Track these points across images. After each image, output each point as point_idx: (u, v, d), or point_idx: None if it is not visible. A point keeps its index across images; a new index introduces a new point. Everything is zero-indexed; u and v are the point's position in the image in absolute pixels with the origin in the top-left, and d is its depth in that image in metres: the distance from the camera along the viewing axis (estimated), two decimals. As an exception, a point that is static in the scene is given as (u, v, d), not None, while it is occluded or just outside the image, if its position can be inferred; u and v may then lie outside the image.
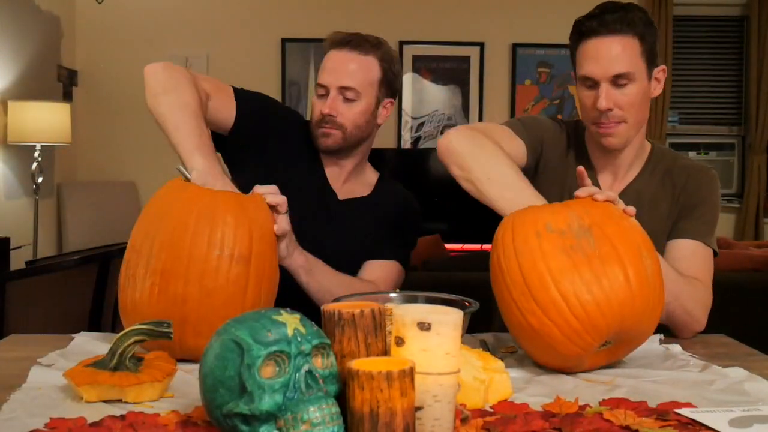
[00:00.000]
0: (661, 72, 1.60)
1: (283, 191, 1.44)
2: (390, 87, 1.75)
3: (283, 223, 1.41)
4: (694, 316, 1.49)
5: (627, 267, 1.18)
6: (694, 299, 1.48)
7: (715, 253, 1.60)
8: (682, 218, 1.59)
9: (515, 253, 1.22)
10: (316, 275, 1.56)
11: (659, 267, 1.25)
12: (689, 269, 1.50)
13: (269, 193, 1.41)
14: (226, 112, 1.66)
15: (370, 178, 1.84)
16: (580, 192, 1.31)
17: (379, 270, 1.71)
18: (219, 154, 1.53)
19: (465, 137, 1.55)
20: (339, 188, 1.77)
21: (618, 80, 1.52)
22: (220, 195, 1.33)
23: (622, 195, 1.59)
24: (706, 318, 1.51)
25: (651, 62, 1.56)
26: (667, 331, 1.51)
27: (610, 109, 1.54)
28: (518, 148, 1.62)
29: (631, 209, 1.29)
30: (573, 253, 1.18)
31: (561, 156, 1.69)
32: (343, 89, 1.67)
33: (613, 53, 1.52)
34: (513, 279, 1.21)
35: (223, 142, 1.68)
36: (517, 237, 1.23)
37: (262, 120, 1.70)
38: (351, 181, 1.79)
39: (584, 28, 1.56)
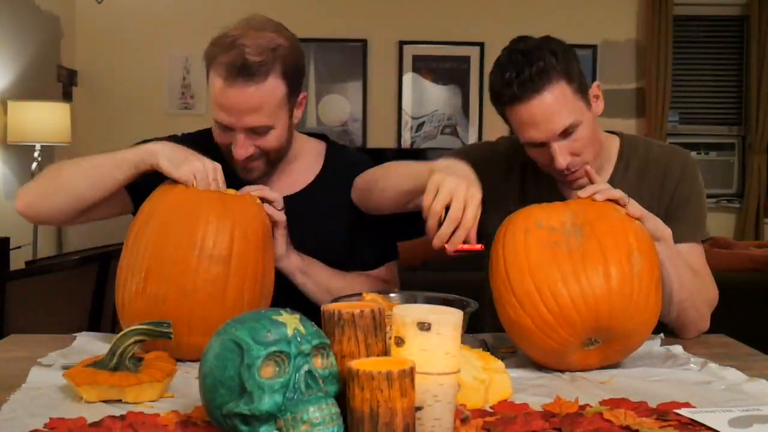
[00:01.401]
0: (596, 88, 1.54)
1: None
2: (299, 85, 1.51)
3: (279, 217, 1.42)
4: (703, 314, 1.49)
5: (609, 265, 1.18)
6: (703, 297, 1.48)
7: (708, 238, 1.59)
8: (671, 221, 1.49)
9: (503, 247, 1.25)
10: (313, 275, 1.53)
11: (654, 268, 1.23)
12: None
13: (260, 189, 1.42)
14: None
15: (312, 157, 1.64)
16: (582, 192, 1.30)
17: (380, 270, 1.68)
18: None
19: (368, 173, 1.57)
20: (273, 187, 1.54)
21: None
22: (204, 195, 1.34)
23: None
24: (709, 318, 1.51)
25: (584, 92, 1.48)
26: (667, 331, 1.50)
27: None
28: None
29: (634, 209, 1.28)
30: (556, 248, 1.20)
31: (498, 181, 1.62)
32: (251, 128, 1.45)
33: (549, 112, 1.42)
34: (497, 272, 1.25)
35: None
36: (507, 232, 1.27)
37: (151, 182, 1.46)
38: (289, 173, 1.61)
39: (506, 98, 1.44)
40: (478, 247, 1.27)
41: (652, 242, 1.27)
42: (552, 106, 1.42)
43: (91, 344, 1.38)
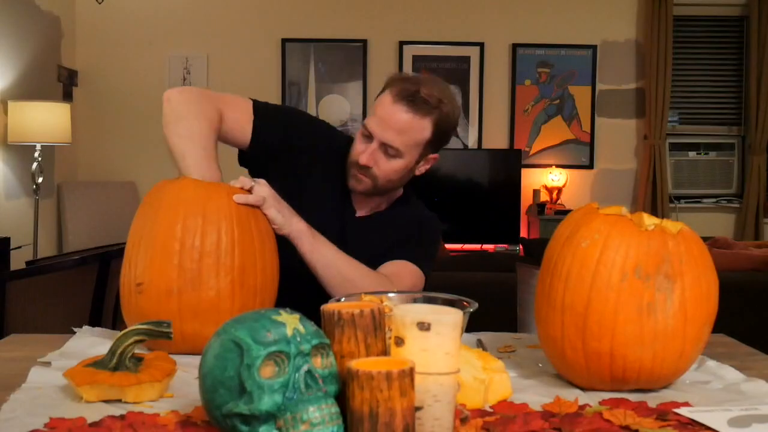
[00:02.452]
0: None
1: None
2: (438, 144, 1.68)
3: (260, 191, 1.44)
4: None
5: (686, 344, 1.14)
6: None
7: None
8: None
9: (592, 283, 1.13)
10: (320, 247, 1.54)
11: (709, 331, 1.20)
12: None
13: (246, 180, 1.45)
14: (242, 129, 1.65)
15: (393, 195, 1.79)
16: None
17: (392, 267, 1.66)
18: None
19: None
20: (359, 205, 1.74)
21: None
22: (192, 190, 1.37)
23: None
24: None
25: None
26: None
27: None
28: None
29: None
30: (645, 316, 1.11)
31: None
32: (386, 145, 1.61)
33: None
34: (573, 304, 1.14)
35: (246, 157, 1.70)
36: (602, 265, 1.13)
37: (281, 133, 1.68)
38: (374, 200, 1.76)
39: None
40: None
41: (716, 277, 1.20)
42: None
43: (91, 341, 1.37)
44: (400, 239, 1.71)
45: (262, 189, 1.45)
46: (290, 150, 1.69)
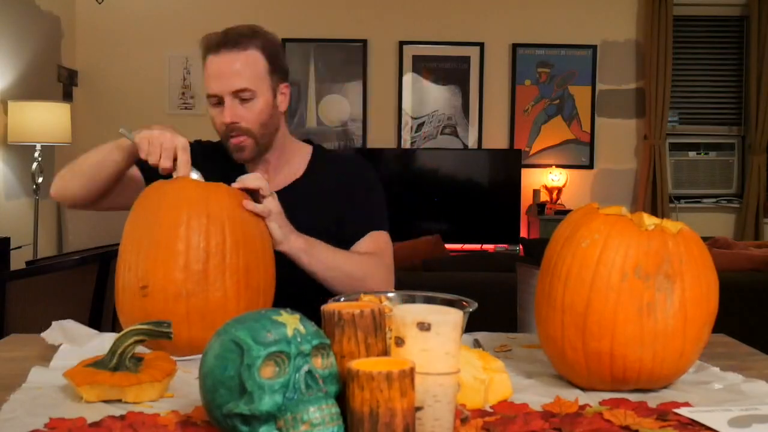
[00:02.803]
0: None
1: None
2: (281, 71, 1.67)
3: (269, 204, 1.44)
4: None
5: (686, 344, 1.14)
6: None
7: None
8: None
9: (592, 283, 1.13)
10: (318, 255, 1.55)
11: (709, 331, 1.20)
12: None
13: (249, 179, 1.44)
14: (132, 176, 1.68)
15: (300, 157, 1.76)
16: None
17: (367, 243, 1.67)
18: None
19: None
20: (270, 183, 1.64)
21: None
22: (186, 192, 1.36)
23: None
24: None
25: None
26: None
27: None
28: None
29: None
30: (645, 316, 1.11)
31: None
32: (236, 93, 1.60)
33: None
34: (573, 304, 1.14)
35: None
36: (602, 265, 1.13)
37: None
38: (280, 171, 1.73)
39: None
40: None
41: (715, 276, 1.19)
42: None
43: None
44: (350, 204, 1.69)
45: (272, 203, 1.45)
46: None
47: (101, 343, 1.30)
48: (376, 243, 1.69)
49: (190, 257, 1.29)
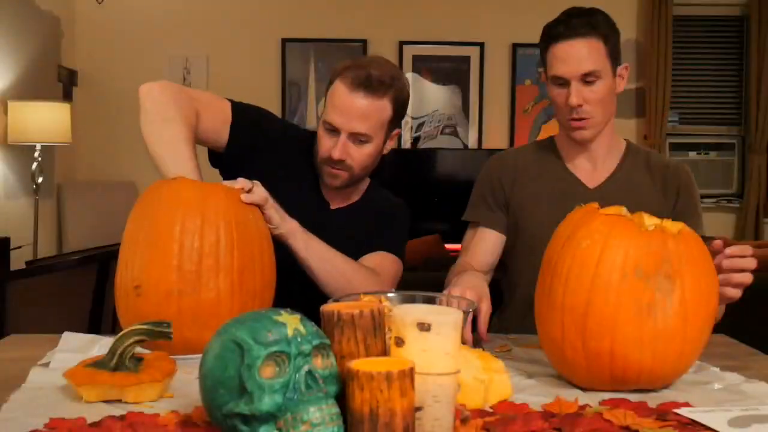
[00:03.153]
0: (624, 69, 1.74)
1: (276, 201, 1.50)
2: (399, 119, 1.73)
3: (259, 192, 1.44)
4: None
5: (686, 344, 1.14)
6: None
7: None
8: (687, 220, 1.59)
9: (592, 283, 1.13)
10: (314, 245, 1.57)
11: (709, 331, 1.21)
12: None
13: (237, 182, 1.44)
14: (218, 131, 1.67)
15: (362, 185, 1.84)
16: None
17: (374, 259, 1.71)
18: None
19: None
20: (332, 198, 1.78)
21: (586, 78, 1.65)
22: (185, 192, 1.35)
23: (607, 184, 1.76)
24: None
25: (615, 61, 1.70)
26: None
27: (580, 105, 1.67)
28: (493, 239, 1.87)
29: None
30: (645, 316, 1.11)
31: (532, 175, 1.83)
32: (354, 134, 1.64)
33: (581, 54, 1.65)
34: (573, 305, 1.14)
35: (219, 157, 1.71)
36: (602, 265, 1.13)
37: (257, 132, 1.71)
38: (347, 191, 1.80)
39: (553, 32, 1.68)
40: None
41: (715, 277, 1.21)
42: (583, 52, 1.65)
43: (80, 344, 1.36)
44: (377, 229, 1.76)
45: (262, 190, 1.46)
46: (264, 150, 1.71)
47: (101, 348, 1.30)
48: (382, 262, 1.71)
49: (183, 257, 1.29)
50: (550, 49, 1.69)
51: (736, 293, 1.35)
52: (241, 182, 1.44)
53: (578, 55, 1.64)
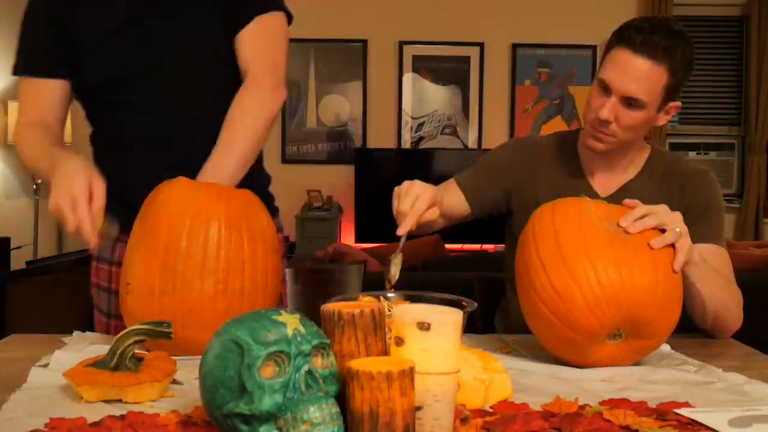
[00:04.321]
0: (673, 108, 1.61)
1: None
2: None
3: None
4: (736, 314, 1.52)
5: (657, 260, 1.24)
6: (733, 299, 1.52)
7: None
8: (690, 224, 1.57)
9: (553, 222, 1.28)
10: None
11: (681, 281, 1.28)
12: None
13: None
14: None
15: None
16: (630, 226, 1.29)
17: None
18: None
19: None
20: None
21: (629, 100, 1.53)
22: (168, 188, 1.37)
23: (618, 194, 1.63)
24: (742, 314, 1.54)
25: (670, 97, 1.57)
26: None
27: (609, 122, 1.55)
28: (456, 199, 1.74)
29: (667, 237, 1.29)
30: (609, 234, 1.25)
31: (547, 170, 1.73)
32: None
33: (638, 73, 1.51)
34: (546, 243, 1.26)
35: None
36: (557, 210, 1.31)
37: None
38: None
39: (626, 36, 1.53)
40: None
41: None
42: (644, 74, 1.51)
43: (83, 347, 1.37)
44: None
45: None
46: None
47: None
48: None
49: (167, 257, 1.29)
50: (615, 48, 1.55)
51: (678, 263, 1.29)
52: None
53: (635, 74, 1.51)
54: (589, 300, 1.20)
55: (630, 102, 1.53)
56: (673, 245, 1.29)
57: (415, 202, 1.45)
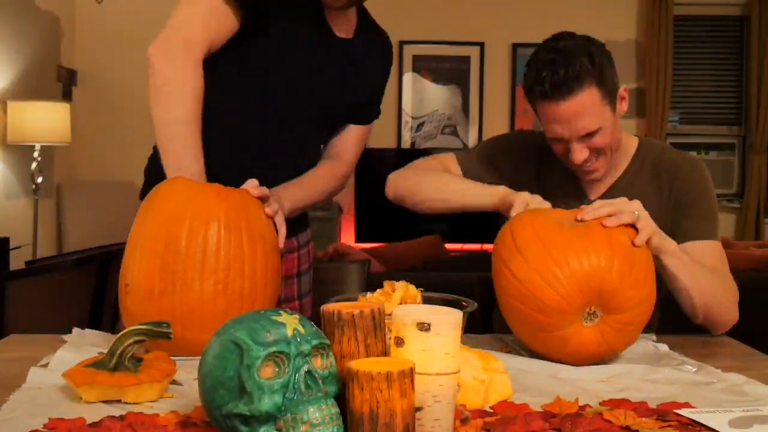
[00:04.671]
0: (621, 96, 1.57)
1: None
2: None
3: (274, 205, 1.45)
4: (728, 308, 1.51)
5: (612, 239, 1.26)
6: (725, 292, 1.51)
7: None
8: (682, 219, 1.59)
9: (510, 228, 1.34)
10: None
11: (645, 257, 1.29)
12: (709, 267, 1.51)
13: (252, 188, 1.44)
14: (230, 27, 1.60)
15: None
16: (585, 215, 1.30)
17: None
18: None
19: (404, 176, 1.74)
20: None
21: (587, 135, 1.51)
22: (186, 192, 1.36)
23: (608, 194, 1.62)
24: (737, 308, 1.53)
25: (613, 97, 1.53)
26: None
27: (587, 160, 1.55)
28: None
29: (642, 235, 1.29)
30: (563, 225, 1.29)
31: (544, 166, 1.70)
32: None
33: (574, 115, 1.48)
34: (504, 242, 1.32)
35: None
36: (514, 221, 1.37)
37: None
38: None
39: (537, 91, 1.50)
40: None
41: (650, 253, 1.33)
42: (578, 111, 1.48)
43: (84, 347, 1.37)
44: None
45: (275, 204, 1.46)
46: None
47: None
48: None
49: (166, 257, 1.29)
50: (537, 105, 1.53)
51: (639, 239, 1.29)
52: (256, 189, 1.43)
53: (573, 116, 1.47)
54: (548, 279, 1.23)
55: (589, 135, 1.51)
56: (635, 227, 1.29)
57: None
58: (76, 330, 1.46)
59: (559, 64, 1.47)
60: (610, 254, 1.24)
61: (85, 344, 1.35)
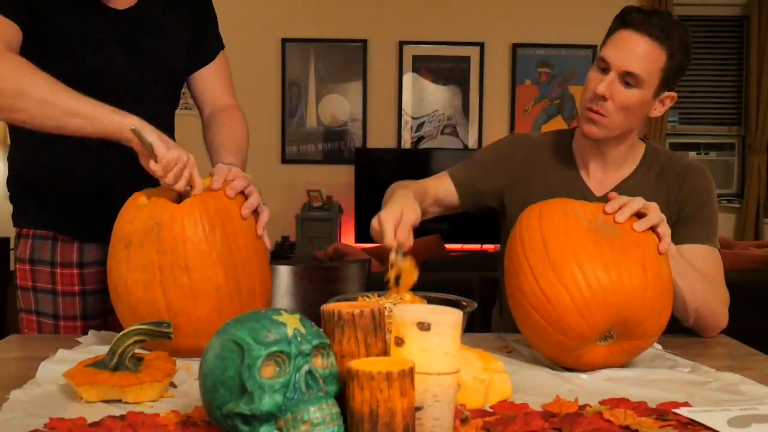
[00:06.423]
0: (668, 98, 1.64)
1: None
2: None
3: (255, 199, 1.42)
4: (719, 313, 1.51)
5: (645, 260, 1.22)
6: (717, 298, 1.51)
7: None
8: (684, 223, 1.60)
9: (540, 226, 1.27)
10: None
11: (671, 280, 1.27)
12: (702, 271, 1.51)
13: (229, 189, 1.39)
14: (16, 32, 1.48)
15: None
16: (608, 207, 1.30)
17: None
18: None
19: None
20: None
21: (627, 77, 1.55)
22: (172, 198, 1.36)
23: (615, 191, 1.61)
24: (728, 314, 1.53)
25: (666, 83, 1.59)
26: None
27: (604, 98, 1.56)
28: (447, 192, 1.82)
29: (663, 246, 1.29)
30: (597, 235, 1.23)
31: (541, 167, 1.74)
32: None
33: (637, 50, 1.54)
34: (534, 248, 1.25)
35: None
36: (543, 214, 1.29)
37: None
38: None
39: (626, 18, 1.58)
40: None
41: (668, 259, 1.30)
42: (639, 53, 1.54)
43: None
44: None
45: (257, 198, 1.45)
46: None
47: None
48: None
49: (160, 259, 1.29)
50: (616, 31, 1.59)
51: (663, 246, 1.29)
52: (238, 182, 1.41)
53: (634, 50, 1.54)
54: (578, 304, 1.19)
55: (628, 80, 1.55)
56: (656, 231, 1.29)
57: (398, 229, 1.53)
58: (92, 332, 1.46)
59: (661, 17, 1.57)
60: (644, 283, 1.20)
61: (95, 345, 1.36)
